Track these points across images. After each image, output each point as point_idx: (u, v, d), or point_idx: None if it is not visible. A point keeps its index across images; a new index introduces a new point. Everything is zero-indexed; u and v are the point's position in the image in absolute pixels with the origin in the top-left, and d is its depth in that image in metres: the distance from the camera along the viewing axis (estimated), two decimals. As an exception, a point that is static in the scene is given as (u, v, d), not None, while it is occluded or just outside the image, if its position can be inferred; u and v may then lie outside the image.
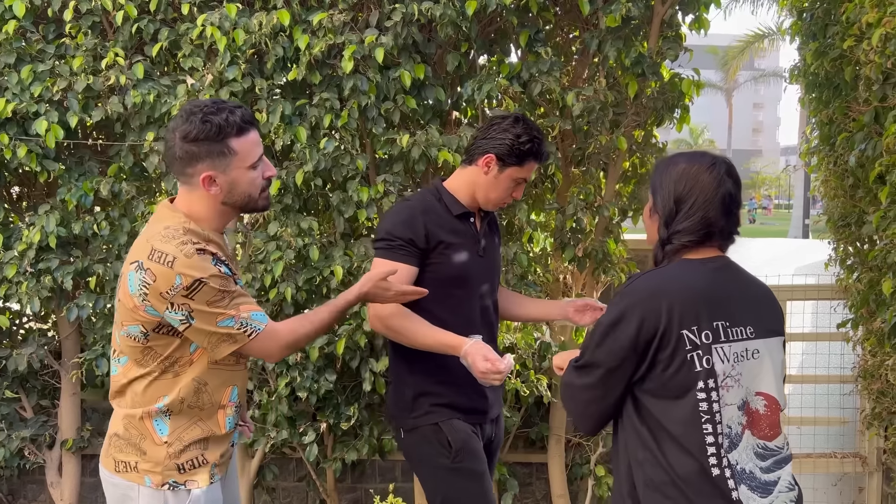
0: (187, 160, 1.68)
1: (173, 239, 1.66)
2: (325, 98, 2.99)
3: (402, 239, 2.11)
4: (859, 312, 3.49)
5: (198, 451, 1.76)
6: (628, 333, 1.51)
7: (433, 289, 2.08)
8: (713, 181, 1.54)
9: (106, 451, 1.80)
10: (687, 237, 1.55)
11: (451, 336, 2.07)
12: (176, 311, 1.65)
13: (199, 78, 3.03)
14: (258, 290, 3.19)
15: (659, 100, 3.20)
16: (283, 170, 3.12)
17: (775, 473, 1.57)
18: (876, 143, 2.93)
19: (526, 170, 2.17)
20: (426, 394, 2.18)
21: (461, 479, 2.16)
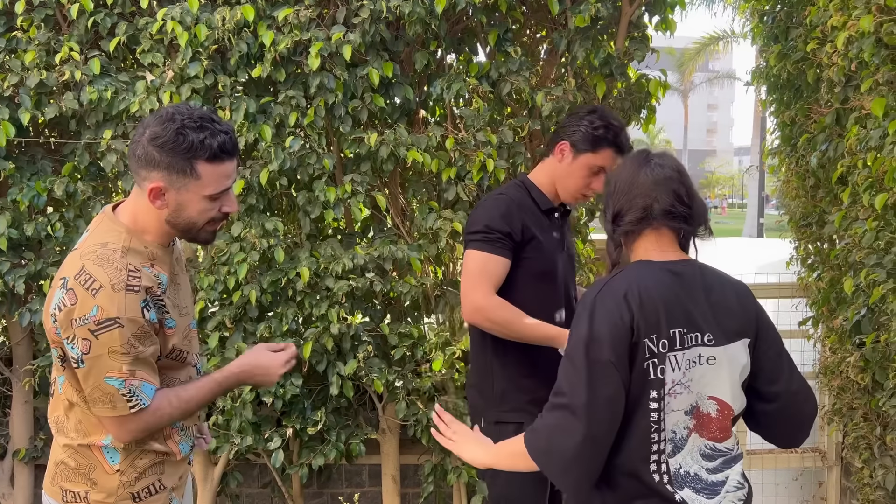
0: (145, 162, 1.52)
1: (108, 263, 1.49)
2: (291, 96, 2.92)
3: (500, 232, 2.11)
4: (820, 310, 3.55)
5: (153, 476, 1.63)
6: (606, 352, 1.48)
7: (523, 284, 2.13)
8: (633, 165, 1.57)
9: (52, 478, 1.64)
10: (626, 220, 1.55)
11: (552, 328, 2.10)
12: (74, 347, 1.48)
13: (159, 74, 2.93)
14: (221, 292, 3.11)
15: (626, 100, 3.20)
16: (247, 169, 3.04)
17: (723, 473, 1.56)
18: (837, 144, 2.99)
19: (601, 157, 2.15)
20: (514, 389, 2.20)
21: (524, 480, 2.16)
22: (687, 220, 1.56)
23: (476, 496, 3.36)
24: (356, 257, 2.99)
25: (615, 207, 1.58)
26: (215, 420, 3.21)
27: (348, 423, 3.39)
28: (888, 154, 2.44)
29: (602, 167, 2.17)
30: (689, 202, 1.56)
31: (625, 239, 1.58)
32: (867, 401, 3.20)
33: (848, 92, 2.79)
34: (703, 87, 35.71)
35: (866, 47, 2.33)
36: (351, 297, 3.10)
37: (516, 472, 2.17)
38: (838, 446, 3.98)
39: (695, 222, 1.57)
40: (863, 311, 2.81)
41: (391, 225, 3.31)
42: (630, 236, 1.57)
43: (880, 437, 3.12)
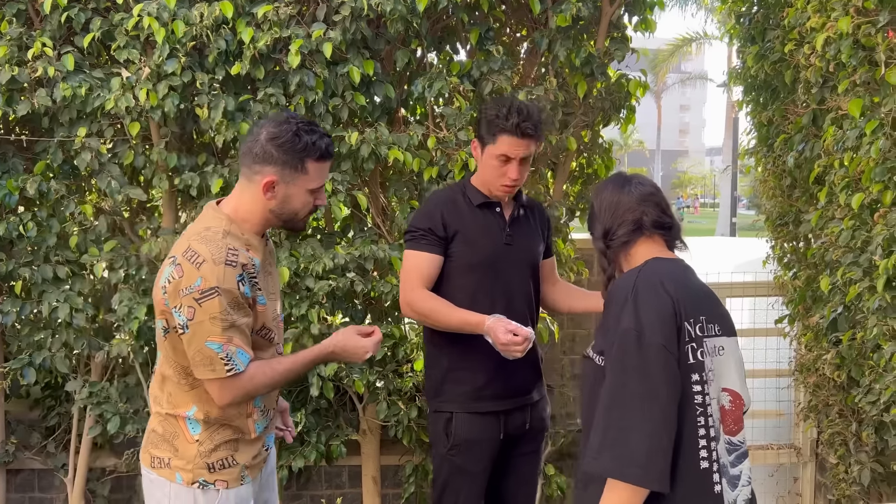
0: (261, 159, 1.73)
1: (211, 242, 1.69)
2: (271, 94, 2.89)
3: (422, 229, 2.24)
4: (796, 309, 3.60)
5: (227, 451, 1.78)
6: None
7: (455, 277, 2.21)
8: (614, 187, 1.71)
9: (144, 446, 1.83)
10: (619, 234, 1.65)
11: (472, 314, 2.15)
12: (180, 314, 1.66)
13: (134, 71, 2.87)
14: (199, 293, 3.05)
15: (606, 100, 3.22)
16: (226, 168, 3.00)
17: (738, 468, 1.61)
18: (813, 144, 3.03)
19: (502, 145, 2.18)
20: (451, 380, 2.29)
21: (453, 470, 2.30)
22: (672, 228, 1.70)
23: (457, 496, 3.35)
24: (337, 257, 2.97)
25: (604, 226, 1.69)
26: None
27: (328, 425, 3.36)
28: (865, 154, 2.47)
29: (505, 154, 2.18)
30: (671, 214, 1.71)
31: (621, 250, 1.68)
32: (842, 398, 3.25)
33: (825, 93, 2.83)
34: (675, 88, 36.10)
35: (844, 48, 2.36)
36: (331, 297, 3.08)
37: (445, 460, 2.30)
38: (813, 443, 4.04)
39: (678, 231, 1.72)
40: (839, 308, 2.85)
41: (371, 224, 3.29)
42: (625, 246, 1.67)
43: (855, 433, 3.17)
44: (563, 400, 3.84)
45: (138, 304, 3.02)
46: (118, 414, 3.15)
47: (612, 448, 1.47)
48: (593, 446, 1.50)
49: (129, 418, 3.19)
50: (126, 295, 3.04)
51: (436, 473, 2.39)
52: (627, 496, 1.46)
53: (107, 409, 3.15)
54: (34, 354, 3.10)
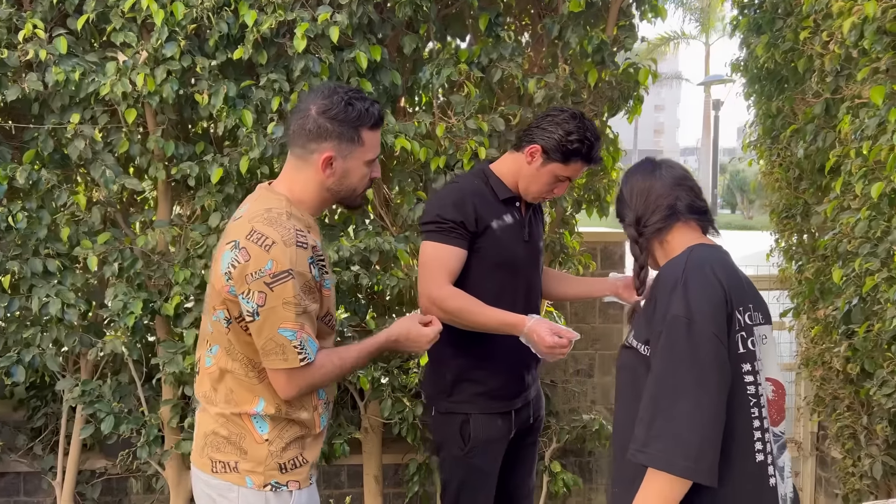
0: (316, 135, 1.64)
1: (277, 223, 1.59)
2: (274, 79, 2.78)
3: (453, 221, 2.09)
4: (803, 302, 3.57)
5: (297, 450, 1.70)
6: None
7: (479, 273, 2.10)
8: (644, 173, 1.65)
9: (200, 450, 1.72)
10: (653, 221, 1.59)
11: (511, 315, 2.05)
12: (249, 300, 1.57)
13: (131, 55, 2.75)
14: (197, 287, 2.94)
15: (615, 89, 3.15)
16: (226, 157, 2.89)
17: (781, 459, 1.56)
18: (826, 134, 2.99)
19: (570, 169, 2.13)
20: (466, 380, 2.20)
21: (471, 471, 2.23)
22: (707, 212, 1.64)
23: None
24: (341, 249, 2.87)
25: (636, 213, 1.62)
26: (191, 422, 3.04)
27: (330, 423, 3.26)
28: (886, 142, 2.43)
29: (569, 178, 2.16)
30: (704, 197, 1.65)
31: (655, 237, 1.61)
32: (853, 391, 3.22)
33: (840, 81, 2.79)
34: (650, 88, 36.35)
35: (868, 34, 2.32)
36: (336, 291, 2.97)
37: (461, 462, 2.23)
38: (814, 437, 4.02)
39: (712, 215, 1.66)
40: (854, 300, 2.82)
41: (374, 216, 3.20)
42: (660, 233, 1.61)
43: (867, 426, 3.14)
44: (566, 396, 3.78)
45: (134, 298, 2.89)
46: (112, 413, 3.02)
47: (660, 439, 1.40)
48: (639, 437, 1.42)
49: (123, 418, 3.07)
50: (121, 289, 2.91)
51: (448, 476, 2.29)
52: (670, 488, 1.40)
53: (100, 408, 3.02)
54: (23, 352, 2.96)
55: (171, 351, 2.99)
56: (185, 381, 3.04)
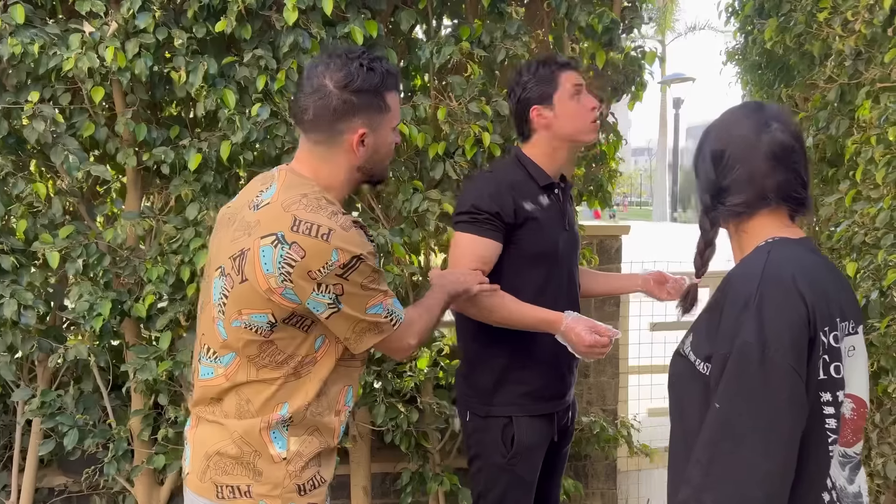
0: (343, 112, 1.46)
1: (321, 209, 1.43)
2: (259, 56, 2.52)
3: (488, 213, 1.98)
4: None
5: (315, 468, 1.53)
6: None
7: (519, 267, 1.97)
8: (752, 129, 1.30)
9: (202, 473, 1.50)
10: (736, 199, 1.30)
11: (548, 312, 1.95)
12: (324, 294, 1.42)
13: (99, 26, 2.46)
14: (172, 285, 2.67)
15: (620, 73, 2.99)
16: (204, 142, 2.62)
17: (856, 483, 1.35)
18: (839, 121, 2.87)
19: (567, 82, 2.05)
20: (508, 381, 2.07)
21: (509, 480, 2.08)
22: (805, 202, 1.34)
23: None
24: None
25: (717, 178, 1.34)
26: (165, 434, 2.76)
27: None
28: (918, 127, 2.32)
29: (576, 84, 2.06)
30: (807, 180, 1.35)
31: (732, 219, 1.35)
32: (863, 387, 3.12)
33: (858, 65, 2.67)
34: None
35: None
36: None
37: (503, 471, 2.06)
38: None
39: (809, 202, 1.36)
40: (873, 293, 2.71)
41: (362, 207, 2.97)
42: (738, 217, 1.34)
43: (878, 424, 3.04)
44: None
45: (101, 298, 2.60)
46: (76, 427, 2.73)
47: (717, 489, 1.18)
48: (694, 481, 1.20)
49: (88, 431, 2.77)
50: (86, 288, 2.62)
51: (487, 486, 2.12)
52: None
53: (62, 421, 2.72)
54: (-29, 358, 2.64)
55: (142, 356, 2.70)
56: (158, 389, 2.76)
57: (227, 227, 1.55)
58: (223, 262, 1.50)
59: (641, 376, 3.79)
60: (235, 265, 1.45)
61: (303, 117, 1.50)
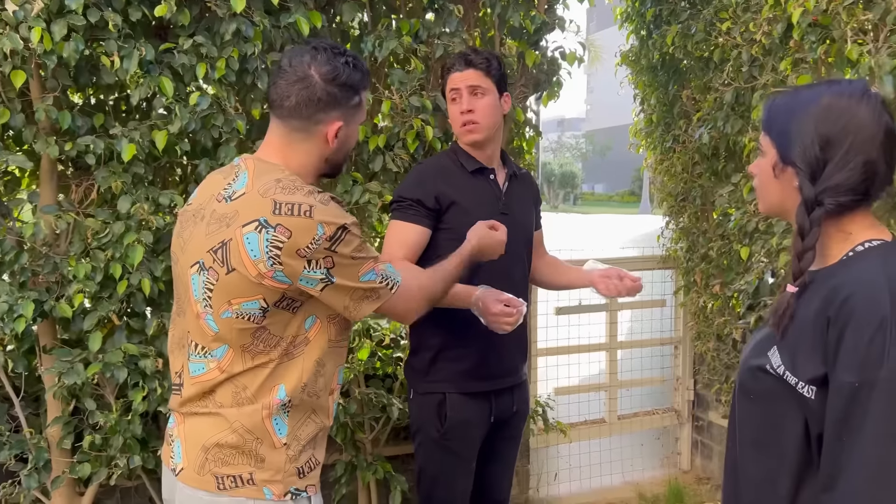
0: (326, 104, 1.51)
1: (297, 189, 1.44)
2: (200, 43, 2.43)
3: (411, 199, 2.11)
4: (693, 280, 3.83)
5: (311, 450, 1.56)
6: None
7: (449, 249, 1.99)
8: (870, 114, 1.15)
9: (200, 467, 1.49)
10: (846, 195, 1.16)
11: (462, 287, 2.01)
12: (315, 270, 1.44)
13: (21, 4, 2.27)
14: (99, 283, 2.52)
15: (543, 72, 3.15)
16: (136, 131, 2.49)
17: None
18: (734, 121, 3.21)
19: (449, 82, 2.17)
20: (445, 359, 2.17)
21: (444, 455, 2.18)
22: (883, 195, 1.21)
23: (395, 491, 3.12)
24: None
25: (818, 157, 1.16)
26: (91, 441, 2.60)
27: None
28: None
29: (453, 88, 2.17)
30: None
31: (834, 214, 1.18)
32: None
33: (753, 71, 3.00)
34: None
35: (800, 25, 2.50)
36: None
37: (438, 446, 2.13)
38: (689, 404, 4.35)
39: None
40: (767, 274, 3.05)
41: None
42: (841, 212, 1.18)
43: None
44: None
45: (21, 298, 2.41)
46: (-11, 439, 2.51)
47: None
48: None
49: (3, 442, 2.55)
50: (3, 288, 2.41)
51: (423, 464, 2.22)
52: None
53: (-25, 433, 2.49)
54: None
55: (66, 360, 2.53)
56: (80, 394, 2.59)
57: (193, 225, 1.54)
58: (200, 258, 1.48)
59: (549, 358, 4.01)
60: (218, 257, 1.45)
61: (283, 103, 1.52)
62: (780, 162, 1.23)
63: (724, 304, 3.55)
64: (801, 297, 1.19)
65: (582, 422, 4.15)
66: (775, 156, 1.23)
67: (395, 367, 3.14)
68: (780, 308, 1.20)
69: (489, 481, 2.36)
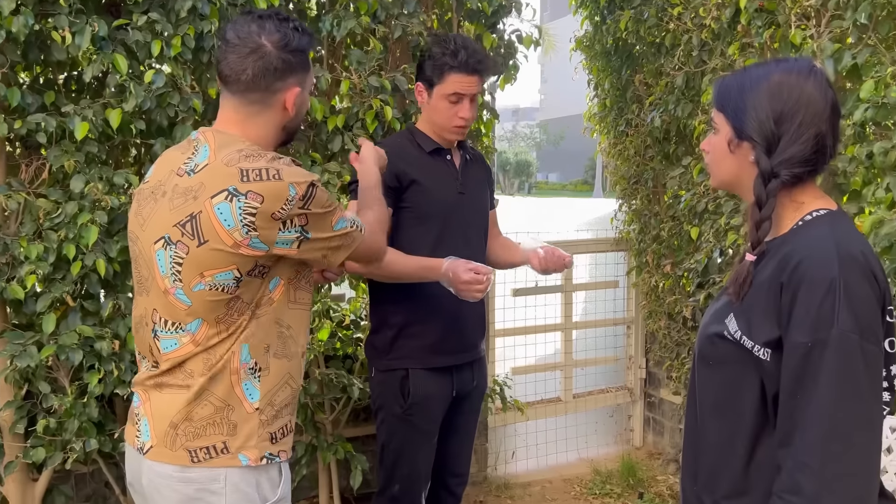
0: (282, 72, 1.51)
1: (261, 156, 1.46)
2: (155, 19, 2.40)
3: None
4: (644, 260, 3.93)
5: (288, 416, 1.57)
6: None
7: (409, 229, 2.06)
8: (818, 89, 1.21)
9: (171, 443, 1.49)
10: (799, 166, 1.21)
11: (429, 259, 2.06)
12: (290, 230, 1.46)
13: (-33, -24, 2.21)
14: (52, 264, 2.47)
15: (499, 55, 3.19)
16: (89, 109, 2.44)
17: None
18: (684, 104, 3.30)
19: (451, 84, 2.13)
20: (407, 335, 2.19)
21: (406, 430, 2.21)
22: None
23: (355, 471, 3.14)
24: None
25: (774, 131, 1.21)
26: (46, 424, 2.56)
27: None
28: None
29: (456, 93, 2.15)
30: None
31: (786, 189, 1.23)
32: (697, 336, 3.62)
33: (703, 56, 3.08)
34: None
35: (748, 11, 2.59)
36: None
37: (401, 421, 2.16)
38: (641, 382, 4.47)
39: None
40: (716, 253, 3.16)
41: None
42: (795, 183, 1.23)
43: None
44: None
45: (-28, 281, 2.36)
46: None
47: (836, 494, 1.11)
48: (807, 491, 1.12)
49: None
50: (-48, 270, 2.36)
51: (386, 439, 2.26)
52: None
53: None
54: None
55: (18, 342, 2.48)
56: (34, 377, 2.55)
57: (153, 202, 1.52)
58: (165, 233, 1.47)
59: (506, 338, 4.07)
60: (187, 230, 1.44)
61: (239, 77, 1.51)
62: (735, 137, 1.26)
63: (675, 283, 3.65)
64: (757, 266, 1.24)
65: (538, 400, 4.23)
66: (730, 132, 1.27)
67: (355, 347, 3.15)
68: (740, 276, 1.24)
69: (450, 455, 2.41)
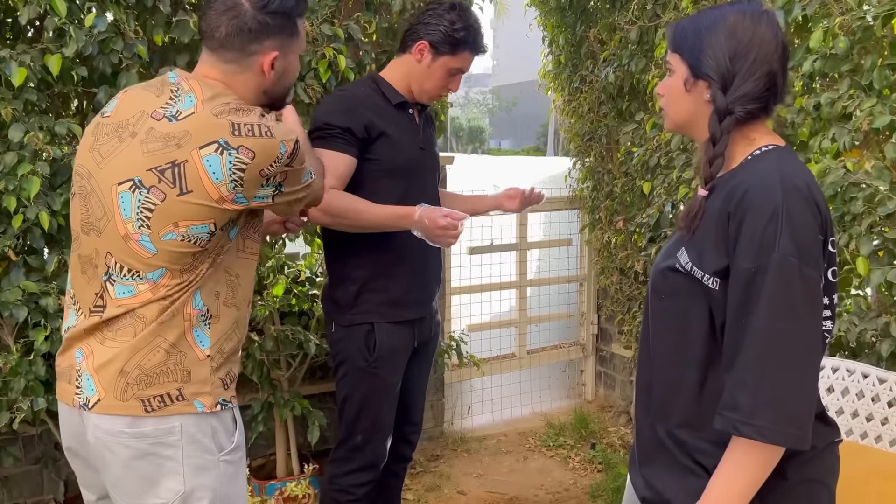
0: (257, 34, 1.47)
1: (250, 112, 1.43)
2: (95, -40, 2.29)
3: (339, 127, 2.03)
4: (597, 216, 3.98)
5: (231, 364, 1.56)
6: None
7: (376, 181, 2.01)
8: (770, 30, 1.26)
9: (121, 393, 1.44)
10: (752, 103, 1.25)
11: (400, 207, 2.03)
12: (269, 185, 1.46)
13: None
14: (-9, 218, 2.37)
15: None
16: (26, 54, 2.33)
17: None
18: (638, 59, 3.32)
19: (460, 60, 2.12)
20: (371, 290, 2.16)
21: (371, 382, 2.21)
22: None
23: (312, 426, 3.14)
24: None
25: (729, 70, 1.25)
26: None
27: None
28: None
29: (460, 69, 2.18)
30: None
31: (739, 126, 1.27)
32: (649, 289, 3.69)
33: (657, 10, 3.10)
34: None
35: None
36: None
37: (366, 374, 2.18)
38: (593, 338, 4.56)
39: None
40: (667, 207, 3.21)
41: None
42: (748, 120, 1.27)
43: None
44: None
45: None
46: None
47: (769, 408, 1.14)
48: (742, 406, 1.15)
49: None
50: None
51: (349, 392, 2.25)
52: (768, 459, 1.17)
53: None
54: None
55: (-43, 300, 2.39)
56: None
57: (118, 140, 1.44)
58: (136, 175, 1.40)
59: (462, 296, 4.09)
60: (167, 177, 1.38)
61: (214, 34, 1.46)
62: (691, 77, 1.29)
63: (627, 238, 3.71)
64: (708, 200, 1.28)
65: (494, 357, 4.28)
66: (686, 71, 1.29)
67: (311, 303, 3.13)
68: (692, 210, 1.28)
69: (406, 405, 2.43)
